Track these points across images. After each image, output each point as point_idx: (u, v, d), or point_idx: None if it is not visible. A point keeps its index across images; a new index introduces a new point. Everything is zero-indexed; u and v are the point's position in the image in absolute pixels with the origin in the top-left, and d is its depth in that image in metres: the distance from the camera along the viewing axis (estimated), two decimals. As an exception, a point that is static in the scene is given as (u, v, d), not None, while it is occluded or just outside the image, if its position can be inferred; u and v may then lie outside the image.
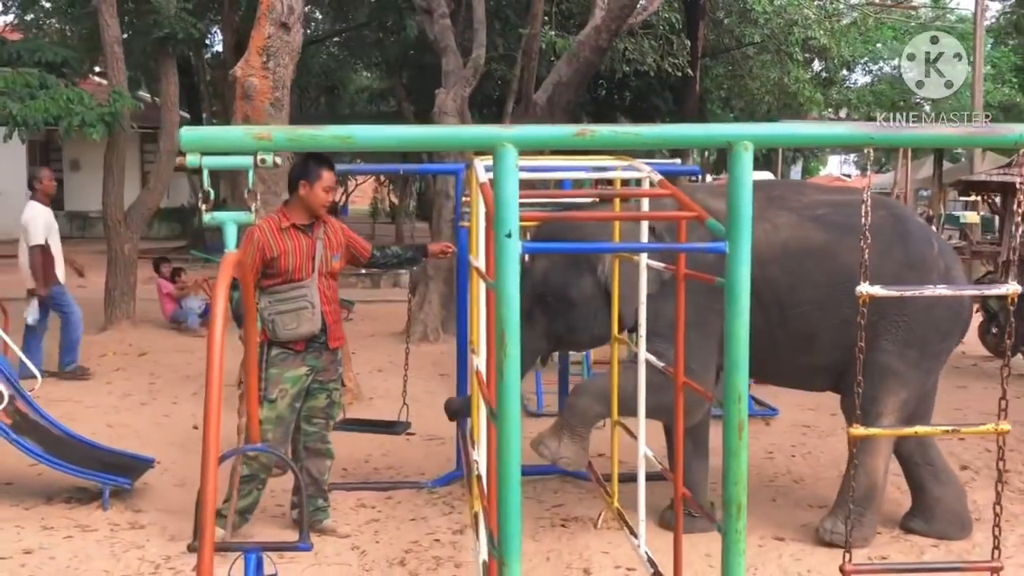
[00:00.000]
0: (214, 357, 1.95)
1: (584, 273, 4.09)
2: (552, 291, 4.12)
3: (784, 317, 4.06)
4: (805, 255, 4.07)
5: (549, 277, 4.14)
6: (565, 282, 4.10)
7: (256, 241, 3.98)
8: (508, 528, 2.22)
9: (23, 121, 7.95)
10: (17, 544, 4.09)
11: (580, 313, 4.14)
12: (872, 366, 3.95)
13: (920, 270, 4.07)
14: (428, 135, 2.22)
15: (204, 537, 1.92)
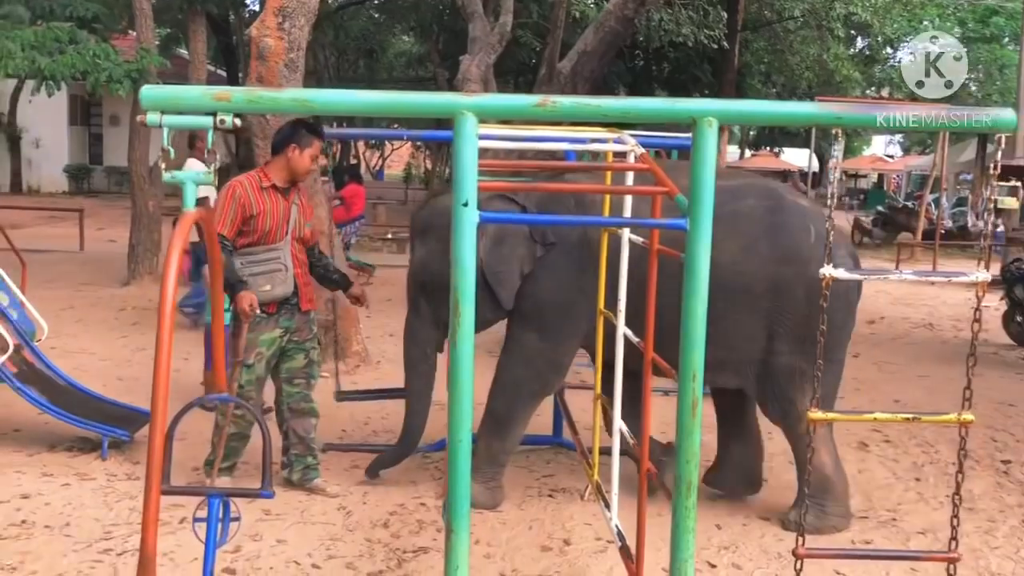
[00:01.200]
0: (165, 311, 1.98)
1: None
2: (433, 278, 4.11)
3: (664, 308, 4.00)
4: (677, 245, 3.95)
5: (428, 265, 4.16)
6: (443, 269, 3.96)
7: (238, 197, 4.03)
8: (457, 494, 2.24)
9: (50, 75, 8.05)
10: (16, 488, 4.20)
11: None
12: (782, 369, 3.98)
13: (796, 263, 3.88)
14: (389, 101, 2.22)
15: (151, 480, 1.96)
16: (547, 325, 4.11)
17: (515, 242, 4.09)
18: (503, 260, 4.07)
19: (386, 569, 3.59)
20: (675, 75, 21.29)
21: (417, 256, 4.25)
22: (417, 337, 4.30)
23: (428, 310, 4.23)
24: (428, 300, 4.21)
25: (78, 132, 25.10)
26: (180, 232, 2.08)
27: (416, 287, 4.26)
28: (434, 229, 4.14)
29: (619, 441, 3.36)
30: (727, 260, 3.68)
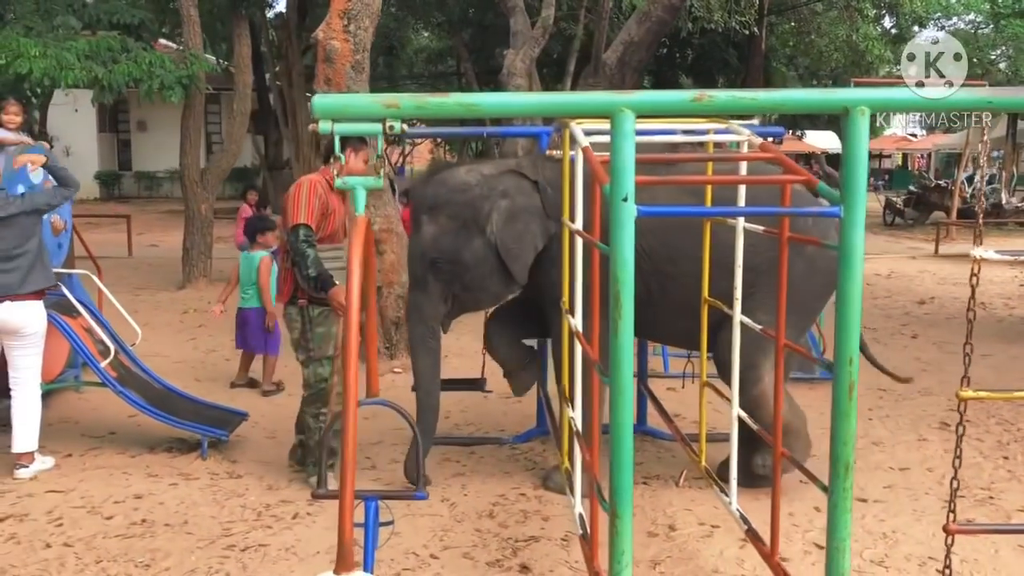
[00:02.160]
0: (352, 313, 2.05)
1: (474, 235, 4.15)
2: (444, 255, 4.15)
3: (664, 287, 4.10)
4: (680, 227, 3.99)
5: (440, 242, 4.15)
6: (456, 246, 4.15)
7: (316, 191, 4.19)
8: (621, 480, 2.31)
9: (108, 84, 8.17)
10: (127, 489, 4.32)
11: (475, 274, 4.19)
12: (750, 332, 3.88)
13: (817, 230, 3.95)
14: (549, 102, 2.29)
15: (346, 481, 2.04)
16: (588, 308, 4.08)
17: (528, 218, 4.15)
18: (517, 236, 4.14)
19: (502, 558, 3.66)
20: (700, 61, 21.26)
21: (426, 233, 4.19)
22: (424, 314, 4.27)
23: (437, 287, 4.21)
24: (437, 277, 4.19)
25: (107, 139, 25.35)
26: (357, 238, 2.15)
27: (424, 264, 4.20)
28: (445, 205, 4.17)
29: (737, 427, 3.42)
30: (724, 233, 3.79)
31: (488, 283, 4.23)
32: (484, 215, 4.14)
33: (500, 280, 4.21)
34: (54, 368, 5.33)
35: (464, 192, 4.17)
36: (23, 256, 4.33)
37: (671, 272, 4.09)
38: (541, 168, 4.31)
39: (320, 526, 3.91)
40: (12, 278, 4.28)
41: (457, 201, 4.16)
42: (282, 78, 17.32)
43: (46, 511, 4.05)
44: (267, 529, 3.89)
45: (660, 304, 4.15)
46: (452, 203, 4.16)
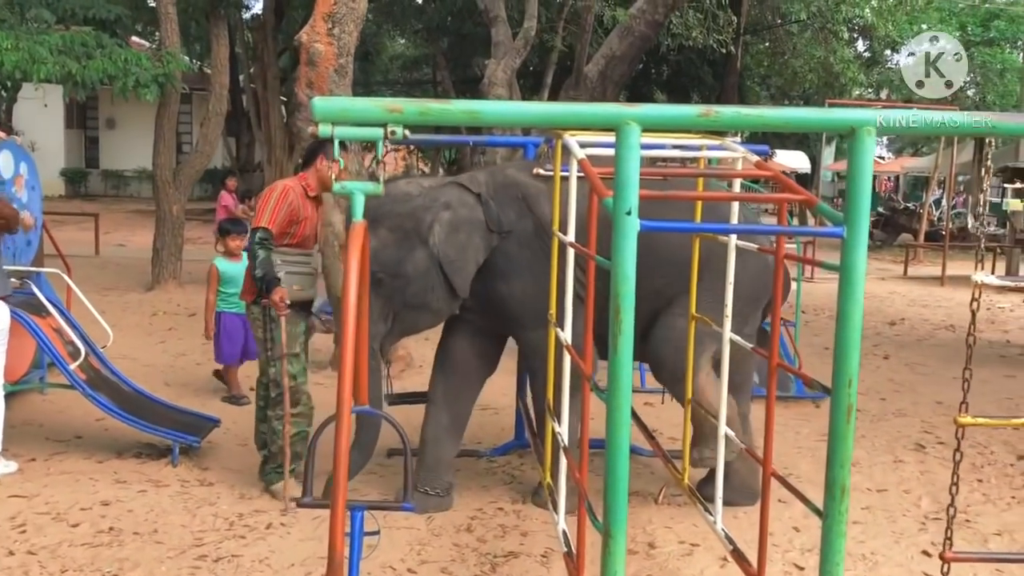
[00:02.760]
0: (348, 321, 1.99)
1: (416, 247, 4.03)
2: (385, 269, 3.98)
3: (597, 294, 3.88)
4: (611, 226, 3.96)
5: (380, 255, 3.95)
6: (398, 258, 4.01)
7: (289, 198, 4.18)
8: (616, 499, 2.27)
9: (82, 80, 8.02)
10: (94, 496, 4.20)
11: (416, 288, 4.05)
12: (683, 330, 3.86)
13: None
14: (552, 112, 2.25)
15: (338, 492, 1.97)
16: (543, 316, 3.86)
17: (471, 230, 4.06)
18: (460, 248, 4.04)
19: (480, 574, 3.60)
20: (676, 78, 21.40)
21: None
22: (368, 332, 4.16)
23: (377, 304, 3.99)
24: (377, 293, 3.95)
25: (75, 135, 24.95)
26: (355, 245, 2.09)
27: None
28: (386, 217, 4.01)
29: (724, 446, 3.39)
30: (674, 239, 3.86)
31: (430, 298, 4.09)
32: (426, 226, 4.03)
33: (442, 295, 4.09)
34: (19, 369, 5.20)
35: (405, 203, 4.06)
36: None
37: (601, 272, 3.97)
38: (485, 181, 4.23)
39: (295, 537, 3.83)
40: None
41: (398, 212, 4.03)
42: (256, 80, 17.13)
43: (8, 517, 3.92)
44: (240, 539, 3.80)
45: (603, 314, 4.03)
46: (393, 214, 4.02)
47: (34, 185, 5.61)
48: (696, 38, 13.46)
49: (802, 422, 5.89)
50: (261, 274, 4.08)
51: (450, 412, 4.35)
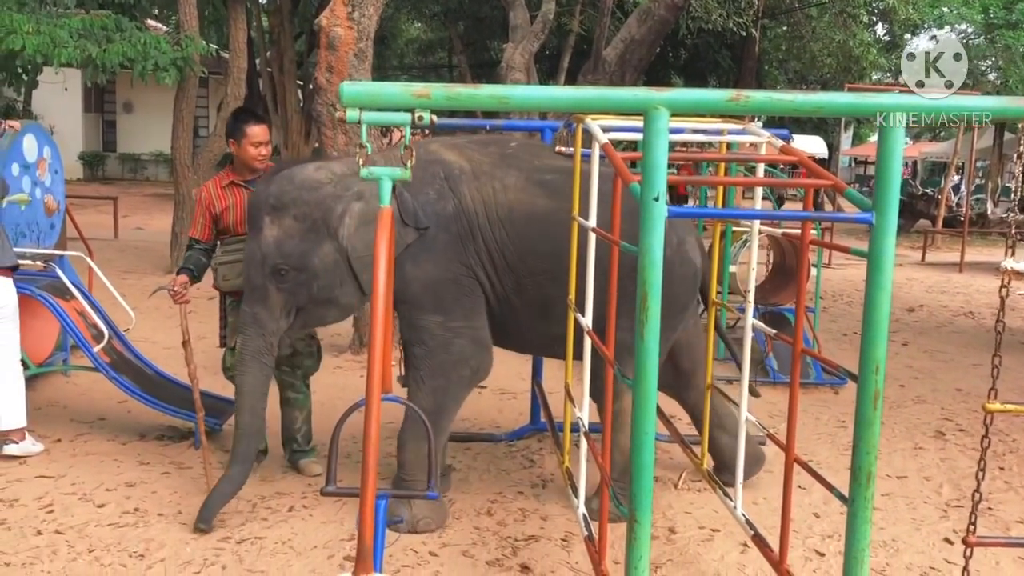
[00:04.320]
0: (378, 308, 2.00)
1: (324, 240, 3.71)
2: (290, 262, 3.68)
3: (518, 284, 3.87)
4: (530, 221, 3.81)
5: (284, 246, 3.67)
6: (303, 251, 3.69)
7: (203, 200, 4.29)
8: (642, 485, 2.28)
9: (102, 64, 8.04)
10: (119, 477, 4.24)
11: (323, 283, 3.74)
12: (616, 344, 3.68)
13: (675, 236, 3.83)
14: (581, 97, 2.24)
15: (367, 481, 1.99)
16: (446, 303, 3.81)
17: None
18: (369, 244, 3.67)
19: (502, 557, 3.62)
20: (693, 62, 21.28)
21: (268, 235, 3.68)
22: (265, 328, 3.76)
23: (279, 298, 3.73)
24: (279, 286, 3.71)
25: (92, 119, 25.03)
26: (383, 230, 2.10)
27: (264, 272, 3.70)
28: (292, 204, 3.70)
29: (745, 431, 3.39)
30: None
31: (338, 294, 3.79)
32: (336, 216, 3.70)
33: (351, 291, 3.79)
34: (43, 351, 5.25)
35: (314, 190, 3.72)
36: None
37: (522, 270, 3.84)
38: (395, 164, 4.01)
39: (317, 520, 3.86)
40: None
41: (306, 200, 3.69)
42: (273, 64, 17.14)
43: (36, 497, 3.97)
44: (263, 521, 3.83)
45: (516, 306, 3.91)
46: (300, 202, 3.69)
47: (57, 169, 5.65)
48: (715, 21, 13.38)
49: (821, 408, 5.88)
50: (179, 267, 4.29)
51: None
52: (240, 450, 3.77)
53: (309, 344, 4.46)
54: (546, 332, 3.96)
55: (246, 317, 3.78)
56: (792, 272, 6.87)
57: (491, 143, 4.11)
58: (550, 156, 4.11)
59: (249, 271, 3.76)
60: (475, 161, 3.91)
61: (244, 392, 3.80)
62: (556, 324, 3.84)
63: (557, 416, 4.41)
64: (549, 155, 4.12)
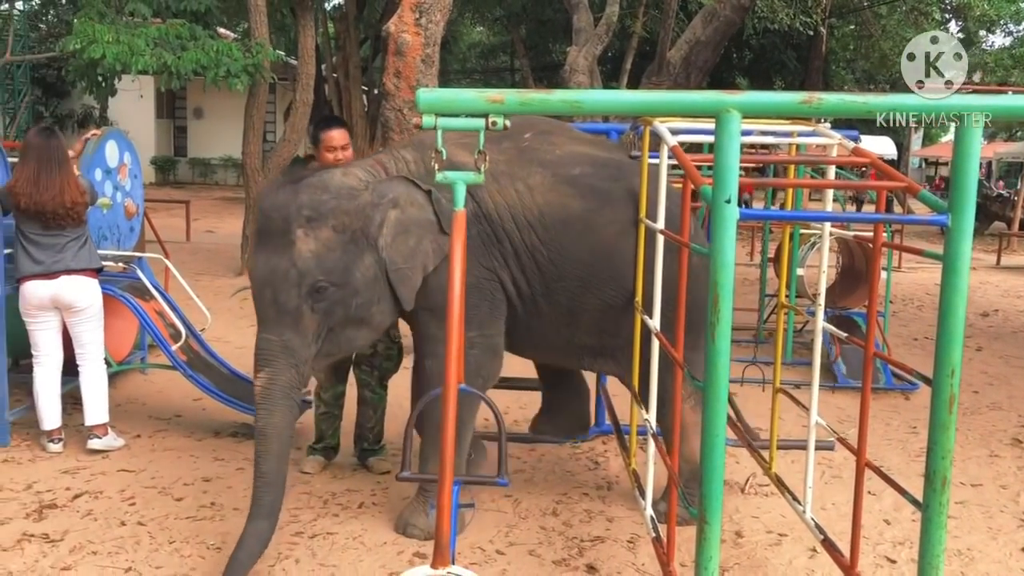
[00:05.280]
0: (454, 303, 2.05)
1: (364, 252, 3.41)
2: (332, 278, 3.33)
3: (547, 288, 3.70)
4: (565, 225, 3.64)
5: (325, 261, 3.32)
6: (346, 265, 3.37)
7: None
8: (712, 487, 2.29)
9: (176, 71, 8.30)
10: (196, 472, 4.38)
11: (362, 300, 3.42)
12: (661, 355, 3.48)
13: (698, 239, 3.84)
14: (652, 100, 2.27)
15: (444, 471, 2.04)
16: (466, 312, 3.61)
17: (421, 233, 3.49)
18: (409, 254, 3.47)
19: (568, 557, 3.65)
20: (758, 63, 21.02)
21: (304, 250, 3.30)
22: (297, 357, 3.35)
23: (314, 321, 3.35)
24: (316, 307, 3.34)
25: (164, 125, 25.76)
26: (458, 233, 2.15)
27: (301, 291, 3.31)
28: (331, 215, 3.36)
29: (814, 436, 3.36)
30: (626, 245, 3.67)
31: (374, 312, 3.49)
32: (376, 226, 3.42)
33: (387, 309, 3.52)
34: (123, 349, 5.44)
35: (353, 199, 3.41)
36: (78, 238, 4.55)
37: (553, 274, 3.68)
38: (415, 160, 3.69)
39: (386, 516, 3.93)
40: (66, 255, 4.49)
41: (346, 209, 3.38)
42: (339, 69, 17.43)
43: (119, 489, 4.12)
44: (334, 517, 3.92)
45: (543, 312, 3.76)
46: (340, 212, 3.37)
47: (136, 174, 5.85)
48: (781, 20, 13.20)
49: (892, 413, 5.77)
50: None
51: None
52: (267, 502, 3.31)
53: (389, 346, 4.48)
54: (571, 339, 3.82)
55: (273, 347, 3.32)
56: (861, 275, 6.76)
57: (503, 137, 3.76)
58: (567, 141, 3.86)
59: (278, 292, 3.31)
60: (491, 161, 3.74)
61: (269, 436, 3.31)
62: (583, 332, 3.76)
63: (622, 419, 4.43)
64: (566, 139, 3.88)
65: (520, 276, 3.67)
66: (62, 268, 4.45)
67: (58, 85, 21.36)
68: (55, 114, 21.75)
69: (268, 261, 3.32)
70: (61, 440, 4.61)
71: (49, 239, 4.43)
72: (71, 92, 21.38)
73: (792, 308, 3.58)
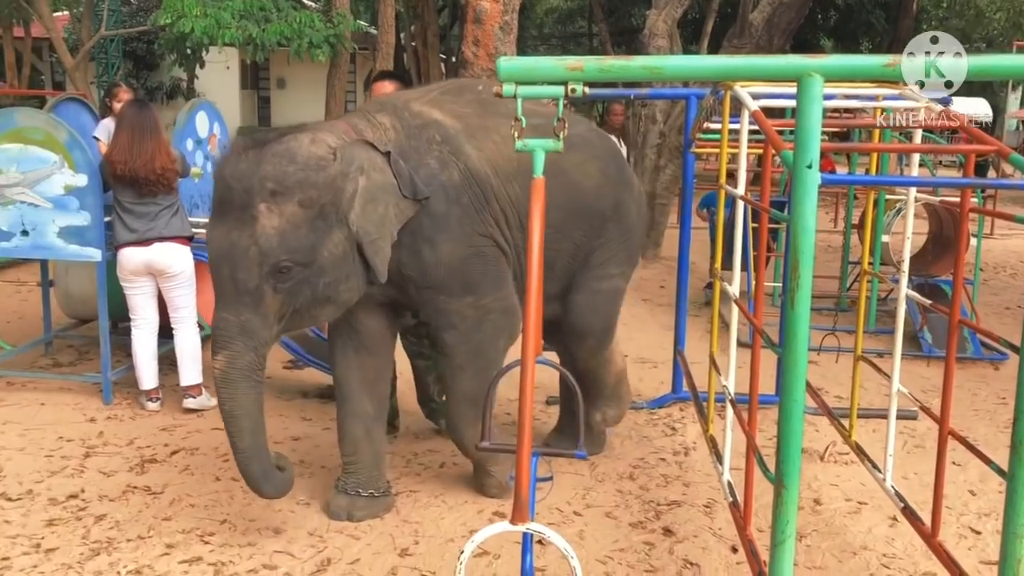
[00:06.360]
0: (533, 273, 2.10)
1: (333, 228, 3.16)
2: (296, 257, 3.08)
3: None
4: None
5: (289, 239, 3.06)
6: (312, 243, 3.11)
7: None
8: (790, 451, 2.30)
9: (260, 43, 8.50)
10: (285, 431, 4.57)
11: (329, 279, 3.19)
12: (607, 292, 3.97)
13: (630, 185, 4.07)
14: (733, 66, 2.26)
15: (523, 437, 2.10)
16: (474, 281, 3.49)
17: (387, 200, 3.26)
18: (380, 223, 3.24)
19: (645, 520, 3.70)
20: (844, 23, 20.37)
21: (268, 227, 3.04)
22: (257, 339, 3.14)
23: (276, 302, 3.12)
24: (279, 287, 3.10)
25: (248, 95, 26.35)
26: (536, 200, 2.19)
27: (262, 271, 3.06)
28: (297, 189, 3.08)
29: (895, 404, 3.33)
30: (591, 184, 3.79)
31: (342, 290, 3.25)
32: (347, 199, 3.17)
33: (355, 286, 3.29)
34: (214, 313, 5.66)
35: (321, 170, 3.11)
36: (170, 207, 4.78)
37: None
38: (392, 126, 3.44)
39: (467, 476, 4.04)
40: (159, 223, 4.73)
41: (314, 182, 3.09)
42: (417, 38, 17.55)
43: (213, 447, 4.33)
44: (416, 476, 4.05)
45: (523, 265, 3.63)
46: (307, 184, 3.08)
47: (226, 143, 6.05)
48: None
49: (979, 384, 5.63)
50: None
51: (372, 399, 3.69)
52: (256, 470, 3.28)
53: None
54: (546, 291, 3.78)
55: (230, 328, 3.10)
56: (950, 242, 6.57)
57: (462, 88, 3.74)
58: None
59: (236, 270, 3.06)
60: (462, 116, 3.54)
61: (237, 415, 3.19)
62: (553, 282, 3.72)
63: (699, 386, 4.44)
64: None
65: (508, 232, 3.60)
66: (155, 235, 4.67)
67: (148, 58, 22.02)
68: (145, 86, 22.44)
69: (227, 235, 3.07)
70: (159, 399, 4.85)
71: (143, 207, 4.65)
72: (160, 65, 22.01)
73: (876, 275, 3.53)
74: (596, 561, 3.33)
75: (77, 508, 3.67)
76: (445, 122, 3.48)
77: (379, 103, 3.64)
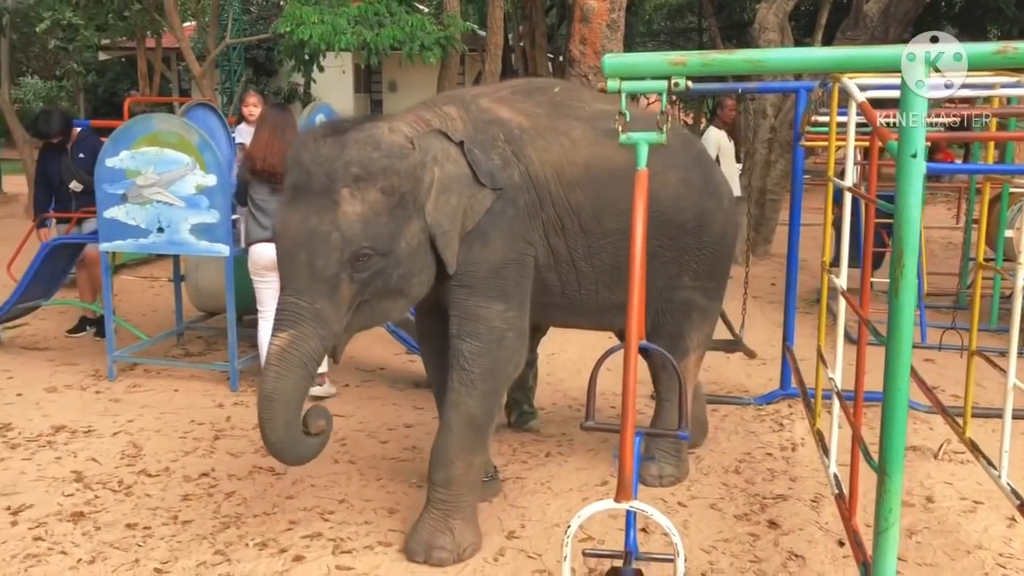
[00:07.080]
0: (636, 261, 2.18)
1: (412, 218, 3.07)
2: (377, 245, 2.98)
3: (590, 248, 3.52)
4: (611, 179, 3.43)
5: (372, 227, 2.97)
6: (392, 232, 3.02)
7: None
8: (893, 440, 2.30)
9: (374, 47, 8.79)
10: (398, 418, 4.77)
11: (404, 271, 3.08)
12: (678, 304, 3.86)
13: (716, 196, 3.90)
14: (835, 56, 2.27)
15: (627, 416, 2.18)
16: (508, 289, 3.33)
17: (461, 191, 3.17)
18: (453, 215, 3.15)
19: (750, 512, 3.71)
20: (969, 10, 19.45)
21: (350, 213, 2.95)
22: (329, 330, 2.99)
23: (350, 291, 3.00)
24: (355, 276, 2.99)
25: (361, 99, 27.10)
26: (640, 192, 2.27)
27: (343, 257, 2.95)
28: (381, 176, 3.01)
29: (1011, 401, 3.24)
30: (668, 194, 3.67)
31: (414, 283, 3.16)
32: (425, 189, 3.11)
33: (427, 280, 3.20)
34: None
35: (404, 158, 3.05)
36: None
37: (597, 232, 3.50)
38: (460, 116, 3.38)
39: (571, 466, 4.14)
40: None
41: (397, 169, 3.03)
42: (525, 38, 17.73)
43: (333, 432, 4.54)
44: (523, 464, 4.17)
45: (584, 273, 3.58)
46: (391, 172, 3.02)
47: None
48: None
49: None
50: None
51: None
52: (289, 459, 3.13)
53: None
54: (608, 300, 3.66)
55: (303, 311, 2.94)
56: (1080, 237, 6.27)
57: (534, 90, 3.65)
58: (593, 98, 3.70)
59: (315, 256, 2.94)
60: (531, 116, 3.49)
61: (276, 400, 2.91)
62: (621, 292, 3.55)
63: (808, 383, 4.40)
64: (591, 97, 3.73)
65: (559, 242, 3.48)
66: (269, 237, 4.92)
67: (267, 64, 22.96)
68: (265, 92, 23.43)
69: (306, 221, 2.96)
70: None
71: (275, 205, 4.92)
72: (279, 71, 22.92)
73: (996, 271, 3.43)
74: (700, 550, 3.37)
75: (208, 485, 3.95)
76: (511, 121, 3.44)
77: (447, 96, 3.69)
